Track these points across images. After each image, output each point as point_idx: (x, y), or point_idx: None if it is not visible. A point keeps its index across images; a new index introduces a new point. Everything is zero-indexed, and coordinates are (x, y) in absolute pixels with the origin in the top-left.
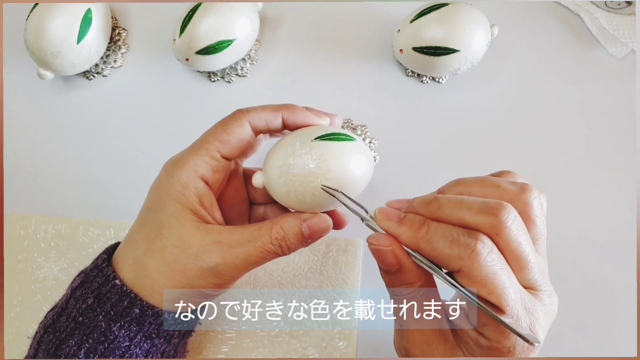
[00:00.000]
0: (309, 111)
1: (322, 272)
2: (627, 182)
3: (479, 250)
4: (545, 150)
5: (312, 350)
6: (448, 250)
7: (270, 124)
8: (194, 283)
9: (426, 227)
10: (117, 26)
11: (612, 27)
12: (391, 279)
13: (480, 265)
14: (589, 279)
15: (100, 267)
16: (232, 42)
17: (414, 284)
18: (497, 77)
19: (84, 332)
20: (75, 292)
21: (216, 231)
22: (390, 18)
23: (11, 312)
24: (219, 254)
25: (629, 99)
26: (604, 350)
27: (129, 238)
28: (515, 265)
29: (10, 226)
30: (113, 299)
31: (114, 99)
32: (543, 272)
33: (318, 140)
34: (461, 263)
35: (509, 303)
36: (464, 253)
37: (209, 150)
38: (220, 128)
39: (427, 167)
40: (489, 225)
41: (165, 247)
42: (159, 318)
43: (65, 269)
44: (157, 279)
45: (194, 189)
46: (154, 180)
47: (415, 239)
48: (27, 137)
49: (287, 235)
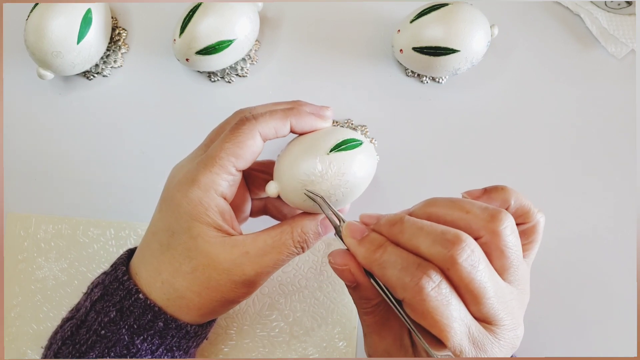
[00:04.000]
0: (314, 115)
1: (322, 272)
2: (627, 182)
3: (422, 285)
4: (545, 150)
5: (312, 350)
6: (396, 278)
7: (279, 132)
8: (227, 296)
9: (382, 250)
10: (117, 26)
11: (612, 27)
12: (352, 293)
13: (423, 299)
14: (588, 279)
15: (121, 280)
16: (232, 42)
17: (372, 300)
18: (497, 77)
19: (106, 345)
20: (95, 304)
21: (240, 242)
22: (390, 18)
23: (11, 312)
24: (250, 266)
25: (629, 99)
26: (604, 350)
27: (148, 259)
28: (469, 298)
29: (10, 226)
30: (136, 312)
31: (114, 99)
32: (506, 304)
33: (334, 153)
34: (405, 294)
35: (450, 337)
36: (409, 284)
37: (224, 166)
38: (232, 142)
39: (426, 167)
40: (442, 258)
41: (197, 267)
42: (181, 331)
43: (65, 269)
44: (192, 299)
45: (216, 208)
46: (165, 194)
47: (369, 261)
48: (27, 137)
49: (308, 237)
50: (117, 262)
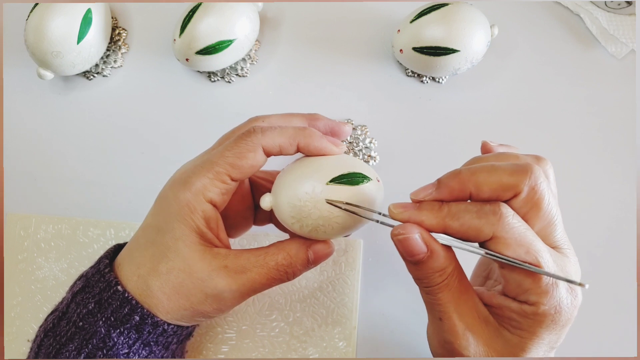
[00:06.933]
0: (326, 139)
1: (322, 272)
2: (627, 182)
3: (505, 214)
4: (545, 150)
5: (312, 350)
6: (477, 220)
7: (285, 151)
8: (196, 307)
9: (447, 205)
10: (117, 26)
11: (612, 27)
12: (422, 269)
13: (511, 227)
14: (588, 279)
15: (102, 273)
16: (232, 42)
17: (446, 268)
18: (497, 77)
19: (84, 337)
20: (76, 296)
21: (222, 255)
22: (390, 18)
23: (11, 312)
24: (225, 281)
25: (629, 99)
26: (604, 350)
27: (133, 252)
28: (544, 222)
29: (10, 226)
30: (114, 305)
31: (114, 99)
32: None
33: (333, 184)
34: (493, 228)
35: (544, 259)
36: (492, 219)
37: (219, 173)
38: (233, 151)
39: (427, 167)
40: (516, 184)
41: (171, 270)
42: (158, 327)
43: (65, 269)
44: (161, 300)
45: (201, 212)
46: (162, 193)
47: (441, 219)
48: (27, 137)
49: (293, 262)
50: (102, 255)
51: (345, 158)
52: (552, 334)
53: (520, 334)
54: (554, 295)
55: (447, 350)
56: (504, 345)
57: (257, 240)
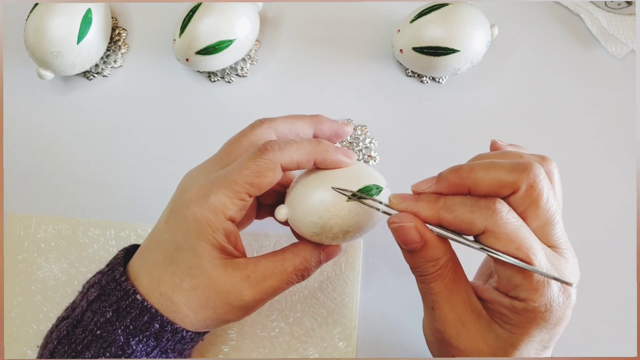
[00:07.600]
0: (341, 153)
1: (322, 272)
2: (627, 182)
3: (499, 209)
4: (545, 150)
5: (312, 350)
6: (470, 214)
7: (302, 167)
8: (222, 317)
9: (443, 198)
10: (117, 26)
11: (612, 27)
12: (416, 258)
13: (504, 222)
14: (589, 279)
15: (118, 281)
16: (232, 42)
17: (440, 259)
18: (497, 77)
19: (102, 346)
20: (92, 304)
21: (242, 265)
22: (390, 18)
23: (11, 313)
24: (248, 291)
25: (629, 99)
26: (604, 350)
27: (151, 268)
28: (543, 220)
29: (10, 226)
30: (133, 313)
31: (114, 99)
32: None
33: (353, 202)
34: (486, 222)
35: (537, 256)
36: (486, 213)
37: (238, 192)
38: (252, 170)
39: (427, 167)
40: (516, 181)
41: (196, 286)
42: (177, 334)
43: (65, 269)
44: (187, 314)
45: (222, 230)
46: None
47: (435, 211)
48: (27, 137)
49: (309, 266)
50: (113, 262)
51: (357, 168)
52: (542, 332)
53: (511, 329)
54: (544, 293)
55: (439, 340)
56: (495, 339)
57: (258, 240)
